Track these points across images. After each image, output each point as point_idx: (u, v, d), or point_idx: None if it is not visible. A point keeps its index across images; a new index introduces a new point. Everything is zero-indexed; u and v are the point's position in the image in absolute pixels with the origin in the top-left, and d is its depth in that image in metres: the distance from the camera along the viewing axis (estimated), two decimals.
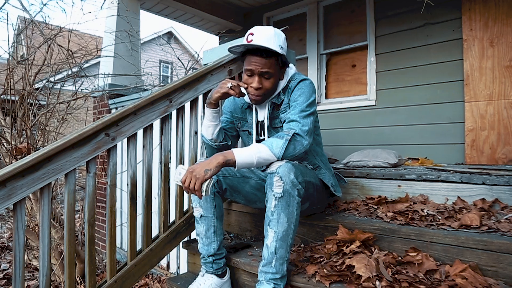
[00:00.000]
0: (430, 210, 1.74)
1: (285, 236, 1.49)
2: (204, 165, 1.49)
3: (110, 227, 1.80)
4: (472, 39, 3.63)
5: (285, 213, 1.47)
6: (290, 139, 1.56)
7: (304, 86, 1.76)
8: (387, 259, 1.52)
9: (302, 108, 1.68)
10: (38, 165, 1.52)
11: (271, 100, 1.83)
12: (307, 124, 1.63)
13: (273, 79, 1.73)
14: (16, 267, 1.49)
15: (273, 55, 1.69)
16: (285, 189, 1.46)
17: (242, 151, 1.53)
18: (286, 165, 1.49)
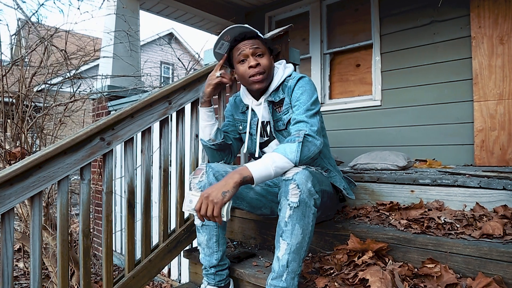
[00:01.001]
0: (447, 217, 1.63)
1: (298, 248, 1.37)
2: (220, 187, 1.35)
3: (106, 237, 1.70)
4: (481, 37, 3.53)
5: (300, 224, 1.36)
6: (303, 141, 1.45)
7: (305, 84, 1.66)
8: (403, 271, 1.41)
9: (307, 107, 1.58)
10: (27, 172, 1.42)
11: (268, 99, 1.73)
12: (315, 124, 1.53)
13: (267, 57, 1.68)
14: (4, 282, 1.39)
15: (256, 37, 1.68)
16: (301, 198, 1.35)
17: (257, 165, 1.40)
18: (303, 172, 1.38)
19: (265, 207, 1.79)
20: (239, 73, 1.71)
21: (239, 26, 1.64)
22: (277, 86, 1.73)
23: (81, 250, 1.62)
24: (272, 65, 1.72)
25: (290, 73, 1.75)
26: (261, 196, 1.77)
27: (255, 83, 1.68)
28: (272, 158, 1.41)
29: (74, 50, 3.78)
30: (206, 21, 5.62)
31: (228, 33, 1.66)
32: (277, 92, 1.73)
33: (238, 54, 1.68)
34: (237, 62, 1.70)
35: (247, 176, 1.36)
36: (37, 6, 8.03)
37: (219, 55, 1.76)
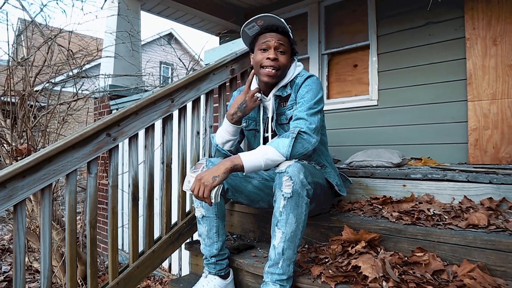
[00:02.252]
0: (436, 209, 1.72)
1: (293, 237, 1.46)
2: (212, 172, 1.46)
3: (112, 229, 1.78)
4: (475, 38, 3.61)
5: (293, 213, 1.45)
6: (296, 137, 1.54)
7: (312, 83, 1.74)
8: (393, 260, 1.50)
9: (310, 105, 1.66)
10: (38, 165, 1.50)
11: (276, 93, 1.81)
12: (315, 122, 1.61)
13: (286, 56, 1.75)
14: (17, 269, 1.47)
15: (286, 34, 1.74)
16: (294, 189, 1.44)
17: (249, 155, 1.50)
18: (295, 165, 1.47)
19: (263, 200, 1.87)
20: (256, 59, 1.77)
21: (276, 18, 1.70)
22: (287, 83, 1.80)
23: (88, 240, 1.71)
24: (288, 65, 1.78)
25: (300, 71, 1.83)
26: (259, 189, 1.85)
27: (265, 75, 1.75)
28: (265, 150, 1.51)
29: (77, 50, 3.85)
30: (206, 21, 5.69)
31: (263, 19, 1.72)
32: (285, 88, 1.80)
33: (263, 42, 1.74)
34: (258, 48, 1.76)
35: (238, 164, 1.47)
36: (39, 6, 8.08)
37: (246, 34, 1.82)
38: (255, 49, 1.80)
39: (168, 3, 4.95)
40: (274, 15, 1.70)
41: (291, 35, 1.78)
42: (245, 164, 1.48)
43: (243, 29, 1.79)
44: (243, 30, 1.80)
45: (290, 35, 1.77)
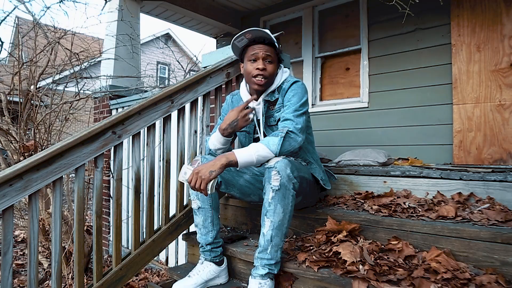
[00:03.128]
0: (411, 203, 1.89)
1: (280, 225, 1.63)
2: (208, 166, 1.63)
3: (116, 218, 1.94)
4: (460, 44, 3.78)
5: (281, 204, 1.62)
6: (285, 136, 1.71)
7: (297, 88, 1.91)
8: (371, 247, 1.67)
9: (296, 107, 1.84)
10: (51, 159, 1.65)
11: (265, 98, 1.97)
12: (300, 123, 1.79)
13: (273, 65, 1.92)
14: (31, 253, 1.62)
15: (272, 45, 1.92)
16: (282, 182, 1.61)
17: (243, 152, 1.68)
18: (283, 161, 1.64)
19: (254, 194, 2.03)
20: (246, 70, 1.96)
21: (263, 31, 1.88)
22: (274, 88, 1.97)
23: (94, 228, 1.86)
24: (275, 72, 1.96)
25: (286, 77, 2.00)
26: (250, 183, 2.01)
27: (256, 84, 1.93)
28: (257, 147, 1.68)
29: (79, 50, 4.00)
30: (203, 24, 5.83)
31: (252, 32, 1.89)
32: (273, 93, 1.98)
33: (252, 53, 1.92)
34: (248, 59, 1.94)
35: (232, 160, 1.65)
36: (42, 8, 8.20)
37: (235, 46, 2.00)
38: (244, 59, 1.98)
39: (166, 5, 5.09)
40: (261, 28, 1.88)
41: (277, 44, 1.95)
42: (239, 160, 1.65)
43: (233, 42, 1.97)
44: (233, 43, 1.98)
45: (276, 45, 1.94)
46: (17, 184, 1.56)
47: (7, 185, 1.54)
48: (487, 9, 3.66)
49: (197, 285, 1.84)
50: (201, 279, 1.86)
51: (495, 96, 3.53)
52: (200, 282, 1.85)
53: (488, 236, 1.49)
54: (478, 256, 1.50)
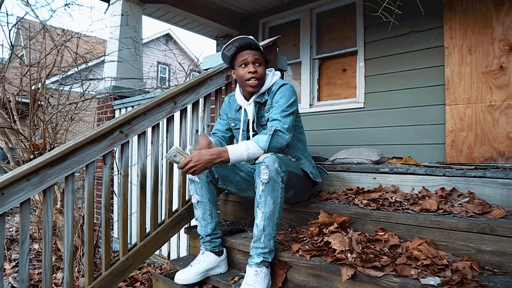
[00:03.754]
0: (398, 197, 2.03)
1: (271, 215, 1.77)
2: (205, 159, 1.79)
3: (122, 212, 2.08)
4: (452, 47, 3.92)
5: (271, 196, 1.76)
6: (273, 134, 1.87)
7: (285, 90, 2.07)
8: (360, 238, 1.80)
9: (283, 108, 1.99)
10: (64, 157, 1.79)
11: (255, 100, 2.12)
12: (287, 122, 1.94)
13: (263, 67, 2.09)
14: (46, 242, 1.76)
15: (258, 49, 2.08)
16: (270, 176, 1.75)
17: (234, 149, 1.84)
18: (271, 157, 1.79)
19: (250, 189, 2.18)
20: (239, 75, 2.11)
21: (248, 38, 2.04)
22: (264, 91, 2.12)
23: (103, 221, 2.00)
24: (265, 73, 2.12)
25: (276, 80, 2.15)
26: (246, 180, 2.16)
27: (250, 86, 2.09)
28: (247, 145, 1.85)
29: (83, 51, 4.14)
30: (204, 26, 5.95)
31: (238, 40, 2.06)
32: (263, 95, 2.12)
33: (242, 59, 2.08)
34: (238, 65, 2.10)
35: (225, 158, 1.82)
36: (48, 11, 8.36)
37: (226, 56, 2.16)
38: (235, 66, 2.14)
39: (168, 8, 5.22)
40: (246, 36, 2.05)
41: (261, 48, 2.11)
42: (230, 157, 1.83)
43: (222, 51, 2.13)
44: (222, 52, 2.14)
45: (261, 48, 2.10)
46: (34, 179, 1.70)
47: (25, 180, 1.67)
48: (478, 13, 3.79)
49: (198, 273, 1.98)
50: (202, 268, 2.00)
51: (485, 97, 3.66)
52: (201, 270, 1.99)
53: (465, 226, 1.63)
54: (456, 245, 1.64)
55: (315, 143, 4.83)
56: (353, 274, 1.55)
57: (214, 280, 2.03)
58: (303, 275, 1.80)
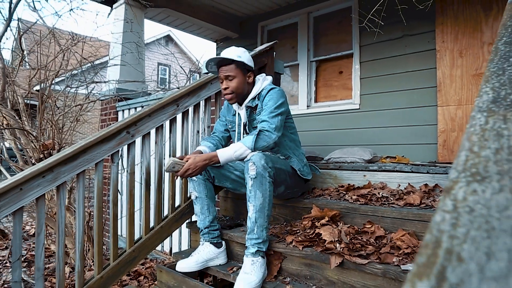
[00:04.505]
0: (385, 193, 2.18)
1: (262, 208, 1.93)
2: (199, 166, 2.03)
3: (129, 207, 2.23)
4: (444, 50, 4.07)
5: (259, 190, 1.93)
6: (258, 133, 2.05)
7: (273, 93, 2.24)
8: (348, 230, 1.95)
9: (271, 110, 2.16)
10: (76, 155, 1.95)
11: (246, 104, 2.30)
12: (275, 123, 2.11)
13: (236, 80, 2.24)
14: (59, 234, 1.91)
15: (231, 63, 2.23)
16: (257, 171, 1.92)
17: (223, 153, 2.07)
18: (258, 154, 1.96)
19: (244, 186, 2.33)
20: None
21: (218, 57, 2.22)
22: (255, 96, 2.28)
23: (111, 215, 2.15)
24: (242, 83, 2.27)
25: (266, 85, 2.31)
26: (240, 178, 2.34)
27: (227, 100, 2.31)
28: (235, 147, 2.06)
29: (87, 53, 4.29)
30: (204, 29, 6.10)
31: (213, 60, 2.26)
32: (254, 100, 2.30)
33: (218, 76, 2.30)
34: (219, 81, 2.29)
35: (215, 160, 2.06)
36: (53, 15, 8.52)
37: (212, 72, 2.38)
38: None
39: (168, 12, 5.37)
40: (216, 56, 2.24)
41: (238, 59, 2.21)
42: (220, 159, 2.06)
43: (208, 71, 2.36)
44: (208, 71, 2.36)
45: (236, 60, 2.22)
46: (49, 176, 1.85)
47: (40, 177, 1.83)
48: (469, 18, 3.94)
49: (198, 262, 2.14)
50: (201, 258, 2.16)
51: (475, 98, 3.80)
52: (201, 260, 2.15)
53: None
54: None
55: (313, 143, 4.97)
56: (341, 262, 1.71)
57: (214, 271, 2.19)
58: (296, 265, 1.96)
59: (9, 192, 1.72)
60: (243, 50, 2.29)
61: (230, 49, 2.26)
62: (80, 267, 2.01)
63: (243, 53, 2.26)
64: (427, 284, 0.40)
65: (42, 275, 1.86)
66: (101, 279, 2.08)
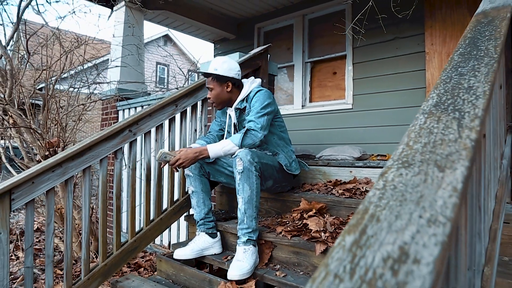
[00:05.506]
0: (368, 187, 2.35)
1: (250, 199, 2.11)
2: (190, 156, 2.22)
3: (131, 200, 2.40)
4: (433, 53, 4.24)
5: (247, 183, 2.11)
6: (245, 132, 2.25)
7: (260, 95, 2.42)
8: (334, 221, 2.12)
9: (257, 110, 2.35)
10: (83, 152, 2.11)
11: (235, 107, 2.49)
12: (261, 122, 2.30)
13: (214, 91, 2.46)
14: (67, 224, 2.08)
15: (209, 75, 2.45)
16: (244, 166, 2.11)
17: (212, 147, 2.27)
18: (244, 151, 2.15)
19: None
20: None
21: (203, 71, 2.48)
22: (243, 98, 2.45)
23: (114, 207, 2.32)
24: (220, 93, 2.46)
25: (254, 87, 2.48)
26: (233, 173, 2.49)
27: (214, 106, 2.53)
28: (223, 143, 2.26)
29: (89, 55, 4.45)
30: (202, 30, 6.24)
31: (200, 72, 2.51)
32: (242, 102, 2.48)
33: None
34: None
35: (205, 154, 2.25)
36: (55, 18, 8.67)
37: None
38: None
39: (167, 14, 5.50)
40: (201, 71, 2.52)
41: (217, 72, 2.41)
42: (210, 153, 2.26)
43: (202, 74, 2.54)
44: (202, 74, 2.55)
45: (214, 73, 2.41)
46: (58, 170, 2.02)
47: (50, 171, 1.99)
48: (456, 22, 4.12)
49: (194, 251, 2.31)
50: (197, 247, 2.32)
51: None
52: (196, 249, 2.32)
53: None
54: None
55: (307, 142, 5.13)
56: (325, 249, 1.88)
57: (209, 259, 2.36)
58: (285, 253, 2.12)
59: (23, 185, 1.88)
60: (223, 60, 2.46)
61: (211, 62, 2.47)
62: (86, 255, 2.17)
63: (221, 65, 2.43)
64: (353, 236, 0.57)
65: (51, 262, 2.03)
66: (105, 266, 2.24)
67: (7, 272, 1.83)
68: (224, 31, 6.11)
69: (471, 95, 0.90)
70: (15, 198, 1.86)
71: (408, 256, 0.50)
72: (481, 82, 0.96)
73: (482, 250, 1.29)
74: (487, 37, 1.28)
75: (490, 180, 1.45)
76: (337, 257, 0.53)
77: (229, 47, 6.38)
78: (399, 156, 0.76)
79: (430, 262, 0.48)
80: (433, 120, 0.85)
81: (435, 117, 0.86)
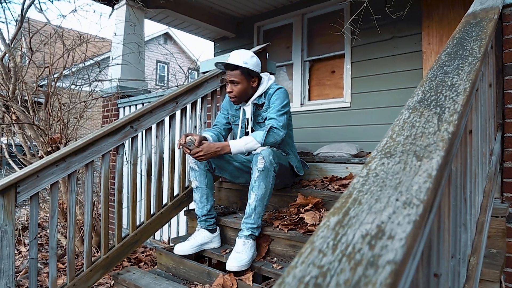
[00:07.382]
0: None
1: (262, 198, 2.16)
2: (212, 150, 2.23)
3: (132, 194, 2.46)
4: (429, 52, 4.29)
5: (264, 181, 2.15)
6: (269, 130, 2.26)
7: (280, 93, 2.44)
8: None
9: (278, 108, 2.37)
10: (86, 147, 2.17)
11: (253, 101, 2.49)
12: (282, 120, 2.33)
13: (240, 86, 2.42)
14: (70, 217, 2.14)
15: (237, 68, 2.40)
16: (265, 165, 2.14)
17: (235, 143, 2.26)
18: (267, 150, 2.18)
19: (242, 177, 2.56)
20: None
21: (225, 62, 2.39)
22: (261, 94, 2.48)
23: (116, 202, 2.38)
24: (247, 88, 2.44)
25: (271, 84, 2.51)
26: (239, 169, 2.54)
27: (231, 101, 2.50)
28: (246, 140, 2.26)
29: (91, 53, 4.50)
30: (202, 28, 6.29)
31: (221, 63, 2.45)
32: (260, 97, 2.50)
33: (225, 77, 2.48)
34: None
35: (227, 150, 2.24)
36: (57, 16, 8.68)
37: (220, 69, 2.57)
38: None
39: (167, 12, 5.56)
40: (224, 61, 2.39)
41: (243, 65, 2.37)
42: (232, 149, 2.25)
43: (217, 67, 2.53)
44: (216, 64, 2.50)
45: (242, 66, 2.38)
46: (61, 165, 2.08)
47: (54, 166, 2.05)
48: (452, 22, 4.17)
49: (193, 246, 2.37)
50: (196, 242, 2.38)
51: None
52: (196, 244, 2.38)
53: None
54: None
55: (305, 140, 5.19)
56: None
57: (208, 253, 2.42)
58: (282, 246, 2.19)
59: (28, 178, 1.95)
60: (251, 55, 2.44)
61: (238, 54, 2.39)
62: (88, 248, 2.23)
63: (250, 59, 2.41)
64: (337, 217, 0.63)
65: (55, 253, 2.09)
66: (106, 258, 2.31)
67: (12, 263, 1.90)
68: (224, 29, 6.16)
69: (452, 92, 0.97)
70: (20, 191, 1.92)
71: (384, 233, 0.56)
72: (463, 80, 1.02)
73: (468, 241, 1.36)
74: (473, 37, 1.34)
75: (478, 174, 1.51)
76: (322, 235, 0.59)
77: (229, 45, 6.43)
78: (383, 147, 0.82)
79: (402, 238, 0.55)
80: (416, 115, 0.92)
81: (418, 112, 0.93)
